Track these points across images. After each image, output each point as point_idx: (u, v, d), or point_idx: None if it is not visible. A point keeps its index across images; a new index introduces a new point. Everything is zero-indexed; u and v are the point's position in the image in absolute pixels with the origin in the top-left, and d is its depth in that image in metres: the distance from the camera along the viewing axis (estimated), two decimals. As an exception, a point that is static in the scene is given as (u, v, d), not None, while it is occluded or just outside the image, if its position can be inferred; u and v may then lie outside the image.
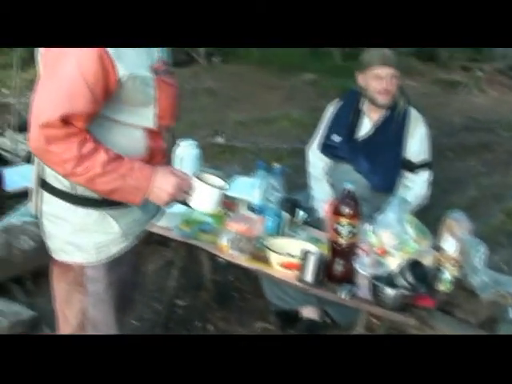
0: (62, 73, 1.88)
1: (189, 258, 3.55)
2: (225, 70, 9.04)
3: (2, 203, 4.17)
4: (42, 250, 2.18)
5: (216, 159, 5.30)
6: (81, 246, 2.10)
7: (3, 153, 5.28)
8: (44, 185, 2.11)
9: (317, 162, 3.69)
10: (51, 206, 2.11)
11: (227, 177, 2.21)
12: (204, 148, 3.64)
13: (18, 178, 4.44)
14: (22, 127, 5.04)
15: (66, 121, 1.86)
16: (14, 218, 3.98)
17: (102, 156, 1.92)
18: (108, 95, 1.94)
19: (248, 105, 7.61)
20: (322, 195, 3.55)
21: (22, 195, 4.30)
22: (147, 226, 2.29)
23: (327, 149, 3.63)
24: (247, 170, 4.24)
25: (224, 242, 2.95)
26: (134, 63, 1.95)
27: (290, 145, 6.25)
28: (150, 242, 2.35)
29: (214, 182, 2.16)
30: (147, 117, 2.05)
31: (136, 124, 2.05)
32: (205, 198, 2.11)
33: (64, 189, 2.06)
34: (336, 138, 3.58)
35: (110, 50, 1.88)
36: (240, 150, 6.31)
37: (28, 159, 4.48)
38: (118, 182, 1.96)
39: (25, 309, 3.44)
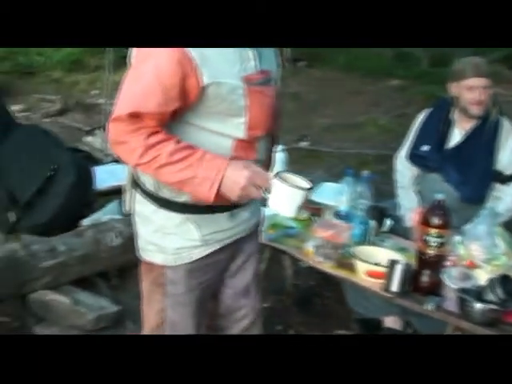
0: (141, 73, 1.92)
1: (272, 261, 3.56)
2: (310, 74, 9.04)
3: (93, 201, 4.30)
4: (127, 246, 2.22)
5: (300, 164, 5.29)
6: (161, 247, 2.12)
7: (95, 152, 5.45)
8: (136, 185, 2.15)
9: (405, 171, 3.64)
10: (141, 205, 2.15)
11: (311, 182, 2.06)
12: (288, 152, 3.65)
13: (107, 176, 4.58)
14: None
15: (135, 117, 1.89)
16: (102, 216, 4.12)
17: (169, 146, 1.91)
18: (188, 100, 1.94)
19: (333, 110, 7.58)
20: (409, 204, 3.50)
21: (110, 193, 4.44)
22: (236, 235, 2.21)
23: (416, 158, 3.57)
24: (331, 176, 4.23)
25: (309, 247, 2.96)
26: (222, 71, 1.94)
27: (376, 151, 6.20)
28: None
29: (297, 183, 2.00)
30: (236, 126, 2.01)
31: (224, 133, 2.02)
32: (284, 198, 1.96)
33: (150, 189, 2.09)
34: (425, 148, 3.52)
35: (196, 56, 1.89)
36: (325, 155, 6.29)
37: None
38: (185, 173, 1.92)
39: (110, 303, 3.51)
